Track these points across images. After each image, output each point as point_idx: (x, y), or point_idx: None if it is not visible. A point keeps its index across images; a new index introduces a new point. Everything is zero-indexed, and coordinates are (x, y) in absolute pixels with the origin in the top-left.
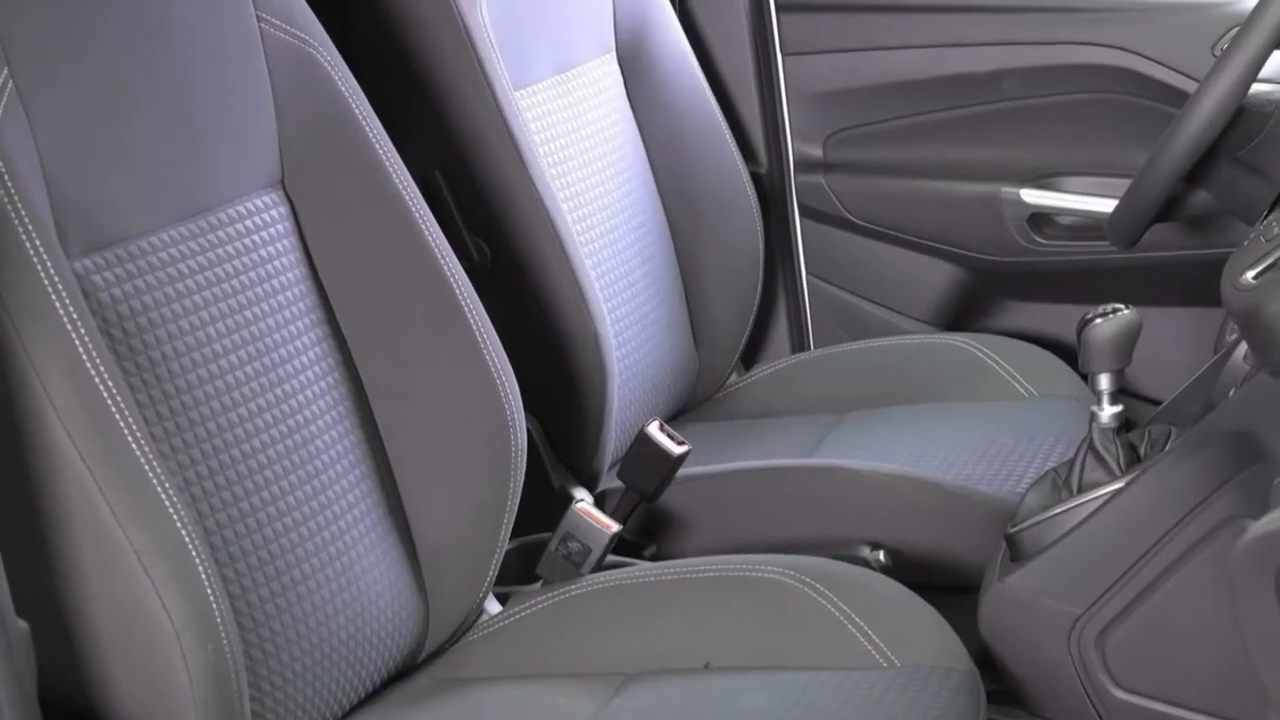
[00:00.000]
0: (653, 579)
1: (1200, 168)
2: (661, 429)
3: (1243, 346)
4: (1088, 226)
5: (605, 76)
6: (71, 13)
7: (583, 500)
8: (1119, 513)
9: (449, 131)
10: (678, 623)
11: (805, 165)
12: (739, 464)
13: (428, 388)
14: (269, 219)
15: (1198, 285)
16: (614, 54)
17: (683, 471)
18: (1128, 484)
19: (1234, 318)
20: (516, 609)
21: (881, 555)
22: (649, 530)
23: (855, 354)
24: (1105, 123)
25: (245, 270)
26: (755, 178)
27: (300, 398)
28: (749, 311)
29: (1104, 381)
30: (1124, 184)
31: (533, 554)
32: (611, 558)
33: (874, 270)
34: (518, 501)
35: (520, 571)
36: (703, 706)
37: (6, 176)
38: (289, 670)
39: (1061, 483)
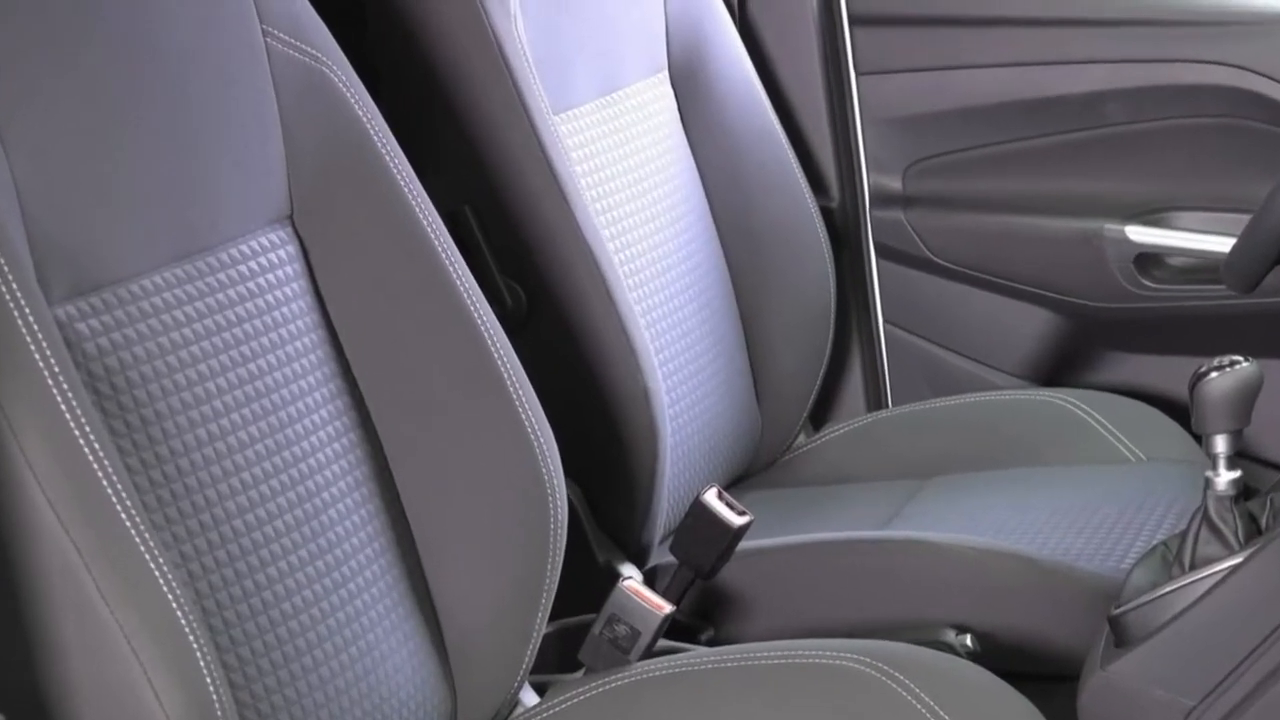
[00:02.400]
0: (710, 666)
1: None
2: (720, 497)
3: None
4: (1201, 268)
5: (657, 99)
6: (54, 28)
7: (631, 578)
8: (1237, 591)
9: (480, 161)
10: (738, 716)
11: (882, 199)
12: (807, 536)
13: (455, 450)
14: (276, 259)
15: None
16: (666, 73)
17: (743, 545)
18: (1247, 559)
19: None
20: (556, 701)
21: (968, 640)
22: (705, 612)
23: (939, 412)
24: (1222, 151)
25: (250, 317)
26: (826, 213)
27: (311, 461)
28: (819, 364)
29: (1220, 443)
30: (1242, 220)
31: (574, 638)
32: (663, 643)
33: (960, 318)
34: (557, 579)
35: (560, 658)
36: None
37: None
38: None
39: (1172, 558)
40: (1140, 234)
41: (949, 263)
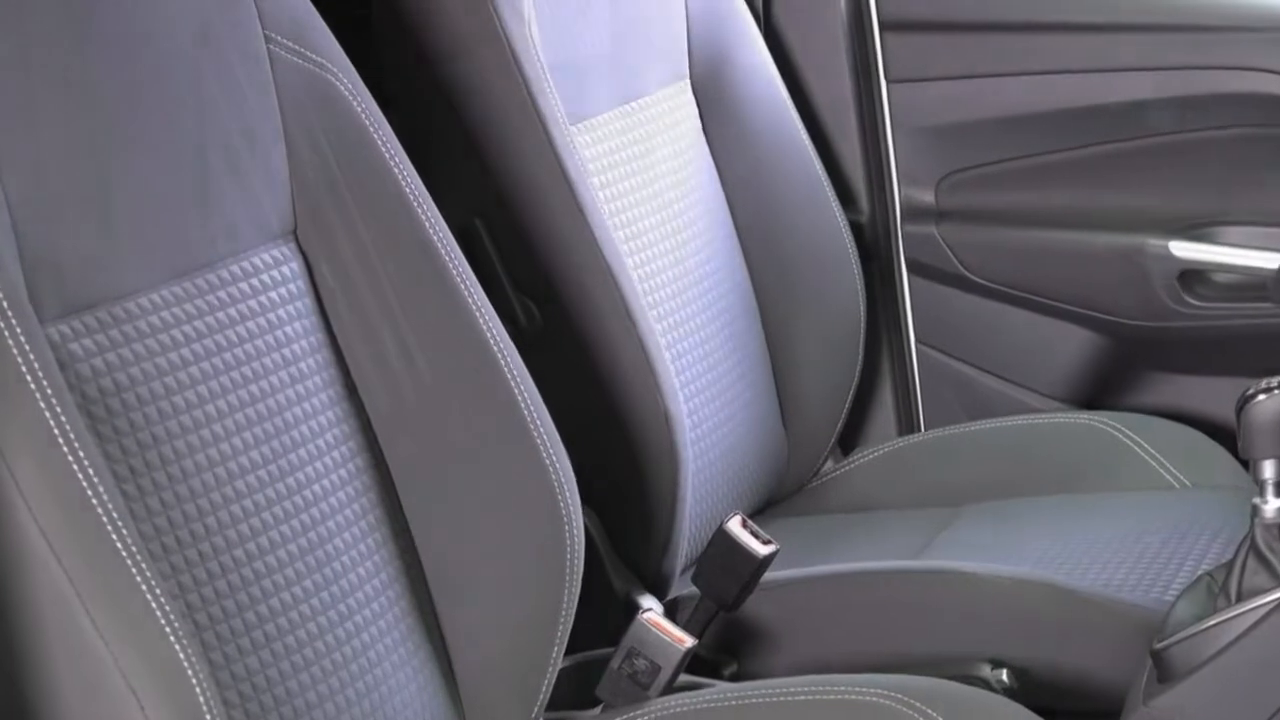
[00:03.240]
0: (734, 703)
1: None
2: (744, 525)
3: None
4: (1248, 285)
5: (678, 108)
6: (47, 37)
7: (650, 610)
8: None
9: (492, 173)
10: None
11: (914, 213)
12: (835, 567)
13: (466, 476)
14: (279, 276)
15: None
16: (688, 81)
17: (768, 576)
18: None
19: None
20: None
21: (1005, 675)
22: (729, 645)
23: (973, 436)
24: (1269, 163)
25: (251, 337)
26: (855, 227)
27: (316, 488)
28: (848, 386)
29: (1269, 469)
30: None
31: (591, 673)
32: (684, 678)
33: (995, 337)
34: (573, 611)
35: (576, 694)
36: None
37: None
38: None
39: (1218, 589)
40: (1184, 249)
41: (984, 279)
